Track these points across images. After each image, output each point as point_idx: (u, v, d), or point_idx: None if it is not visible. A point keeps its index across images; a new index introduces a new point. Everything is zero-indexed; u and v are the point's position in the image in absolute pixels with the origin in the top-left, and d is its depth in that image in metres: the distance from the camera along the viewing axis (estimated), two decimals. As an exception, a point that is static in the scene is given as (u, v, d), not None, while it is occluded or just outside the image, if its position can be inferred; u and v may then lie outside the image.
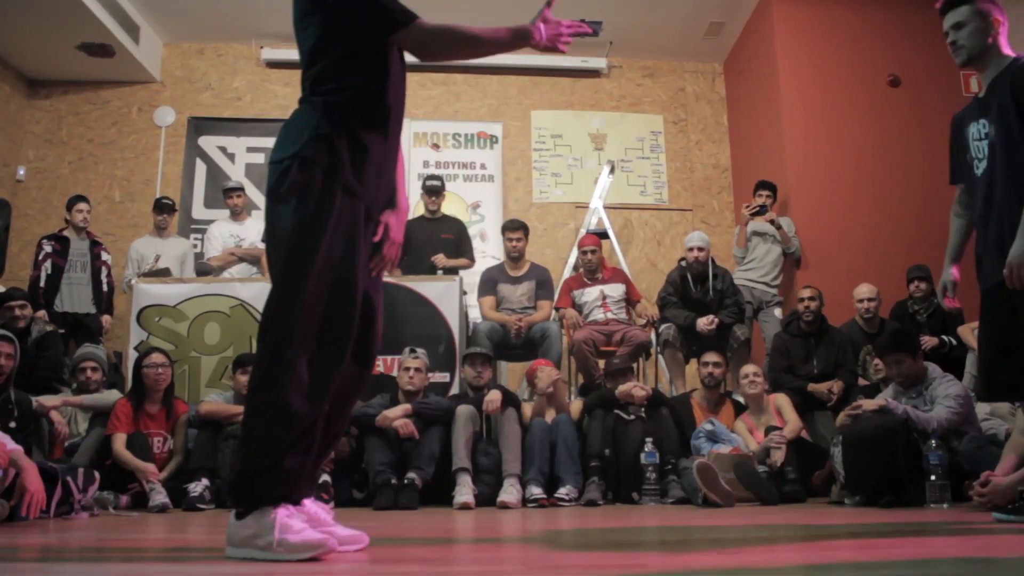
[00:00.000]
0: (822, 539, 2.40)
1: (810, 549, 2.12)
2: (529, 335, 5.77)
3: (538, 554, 1.69)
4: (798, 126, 7.07)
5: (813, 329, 5.59)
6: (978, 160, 3.01)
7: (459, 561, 1.97)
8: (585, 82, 8.40)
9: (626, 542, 2.41)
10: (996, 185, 2.90)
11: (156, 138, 7.91)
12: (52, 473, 3.66)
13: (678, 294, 5.90)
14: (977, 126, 3.02)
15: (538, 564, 1.78)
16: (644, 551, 2.03)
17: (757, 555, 1.99)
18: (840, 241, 6.76)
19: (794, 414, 4.90)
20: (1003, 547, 2.07)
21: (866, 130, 7.02)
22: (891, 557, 1.88)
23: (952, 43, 3.00)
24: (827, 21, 7.24)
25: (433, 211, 6.43)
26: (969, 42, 2.96)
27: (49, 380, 5.13)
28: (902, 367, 4.26)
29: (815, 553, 2.01)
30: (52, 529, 3.17)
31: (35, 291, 6.13)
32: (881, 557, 1.89)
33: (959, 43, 2.98)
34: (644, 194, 8.20)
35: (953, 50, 3.00)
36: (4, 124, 7.60)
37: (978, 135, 3.01)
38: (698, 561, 1.81)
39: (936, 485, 3.75)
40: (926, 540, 2.29)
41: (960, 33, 2.97)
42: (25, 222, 7.57)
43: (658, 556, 1.73)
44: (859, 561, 1.82)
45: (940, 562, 1.80)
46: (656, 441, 4.62)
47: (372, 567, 1.83)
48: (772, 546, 2.25)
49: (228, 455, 4.59)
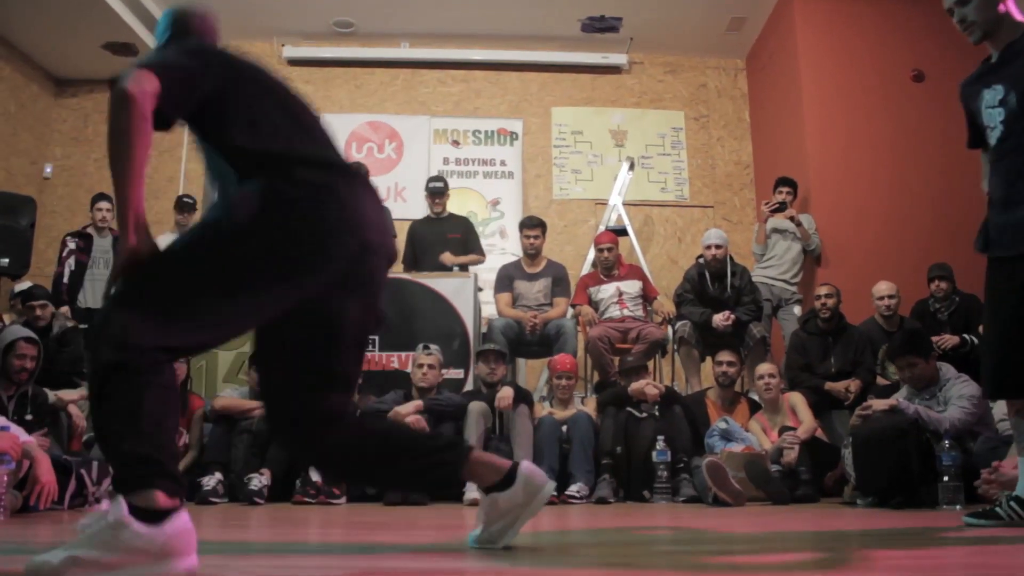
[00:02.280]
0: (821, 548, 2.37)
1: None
2: (544, 332, 5.77)
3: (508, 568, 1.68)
4: (819, 122, 6.99)
5: (831, 327, 5.52)
6: (990, 129, 2.80)
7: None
8: (606, 78, 8.36)
9: (595, 543, 2.40)
10: (1014, 152, 2.70)
11: (179, 135, 7.97)
12: (67, 466, 3.73)
13: (695, 291, 5.86)
14: (991, 92, 2.78)
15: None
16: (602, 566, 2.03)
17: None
18: (861, 238, 6.67)
19: (809, 414, 4.85)
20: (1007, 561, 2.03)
21: (888, 126, 6.92)
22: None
23: (962, 21, 2.78)
24: (849, 16, 7.14)
25: (438, 212, 6.44)
26: (980, 15, 2.74)
27: (69, 375, 5.20)
28: (915, 370, 4.20)
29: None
30: (64, 521, 3.23)
31: (59, 287, 6.24)
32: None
33: (969, 19, 2.76)
34: (665, 191, 8.15)
35: (964, 28, 2.78)
36: (32, 123, 7.73)
37: (992, 102, 2.78)
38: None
39: (949, 486, 3.69)
40: (930, 552, 2.25)
41: (967, 8, 2.76)
42: (52, 219, 7.70)
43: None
44: None
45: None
46: (668, 439, 4.60)
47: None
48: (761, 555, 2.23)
49: (242, 449, 4.65)
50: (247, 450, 4.63)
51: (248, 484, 4.37)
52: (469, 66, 8.27)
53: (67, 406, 4.72)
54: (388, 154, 7.93)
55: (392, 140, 7.99)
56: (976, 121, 2.90)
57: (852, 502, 4.11)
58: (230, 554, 1.97)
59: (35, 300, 5.38)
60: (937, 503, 3.73)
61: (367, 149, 7.96)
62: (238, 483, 4.49)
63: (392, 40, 8.21)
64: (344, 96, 8.18)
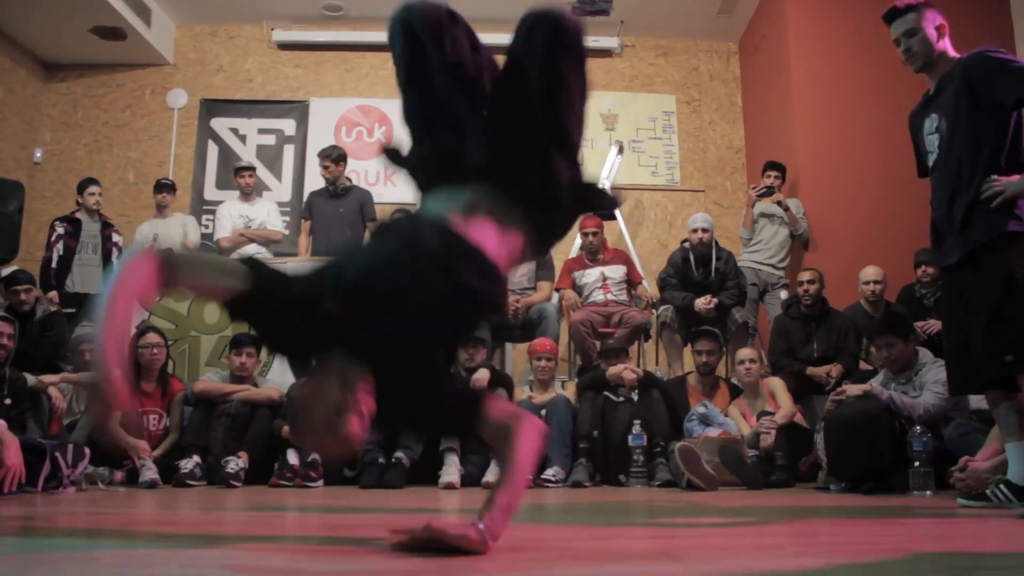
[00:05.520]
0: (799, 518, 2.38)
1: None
2: (527, 316, 5.77)
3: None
4: (808, 106, 6.94)
5: (814, 312, 5.50)
6: (931, 154, 3.12)
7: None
8: (597, 62, 8.30)
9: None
10: (945, 175, 3.02)
11: (169, 120, 7.99)
12: (40, 448, 3.75)
13: (679, 276, 5.84)
14: (929, 120, 3.12)
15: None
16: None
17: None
18: (849, 223, 6.63)
19: (788, 399, 4.84)
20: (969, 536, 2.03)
21: (878, 111, 6.84)
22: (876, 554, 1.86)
23: (906, 51, 3.10)
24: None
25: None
26: (923, 48, 3.07)
27: (52, 359, 5.23)
28: (892, 350, 4.19)
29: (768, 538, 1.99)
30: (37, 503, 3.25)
31: (47, 272, 6.25)
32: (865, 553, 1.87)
33: (913, 49, 3.08)
34: (655, 175, 8.11)
35: (907, 57, 3.11)
36: (22, 108, 7.73)
37: (930, 128, 3.12)
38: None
39: (919, 472, 3.70)
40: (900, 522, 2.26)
41: (912, 40, 3.08)
42: (42, 203, 7.71)
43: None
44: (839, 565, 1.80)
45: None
46: (645, 424, 4.61)
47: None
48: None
49: (220, 433, 4.68)
50: (225, 433, 4.67)
51: (225, 467, 4.40)
52: (460, 49, 8.21)
53: (47, 388, 4.76)
54: (378, 138, 7.92)
55: (382, 124, 7.98)
56: (920, 150, 3.26)
57: (826, 487, 4.11)
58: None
59: (19, 284, 5.39)
60: (908, 489, 3.73)
61: (356, 133, 7.95)
62: (216, 466, 4.51)
63: (382, 23, 8.01)
64: (334, 80, 8.15)
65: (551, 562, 1.60)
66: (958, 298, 3.03)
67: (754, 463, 4.46)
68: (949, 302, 3.19)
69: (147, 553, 1.71)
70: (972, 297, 2.92)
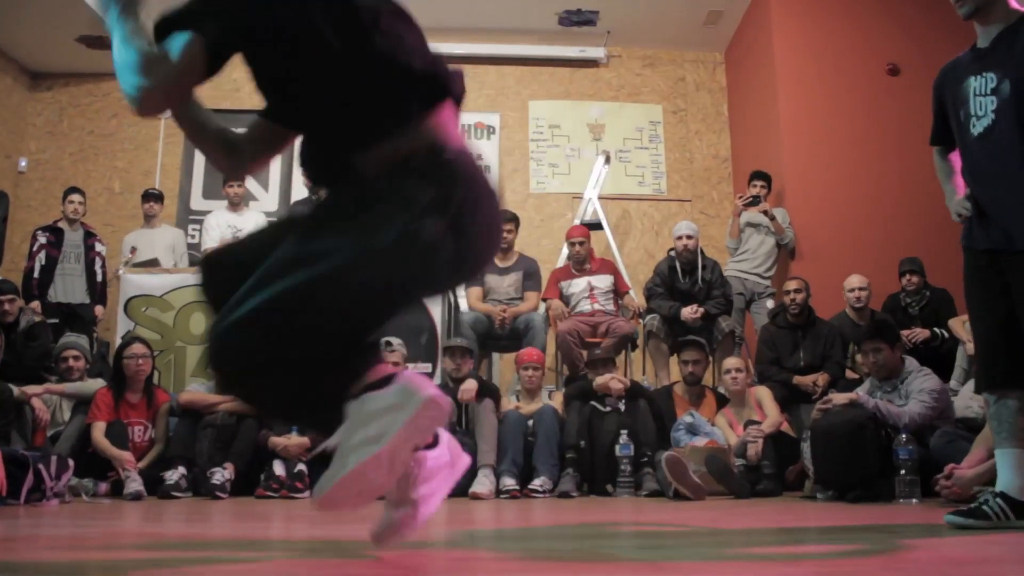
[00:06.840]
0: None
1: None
2: (514, 326, 5.77)
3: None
4: (794, 116, 6.98)
5: (800, 321, 5.52)
6: (976, 117, 2.65)
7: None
8: (584, 72, 8.35)
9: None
10: (1006, 143, 2.56)
11: (155, 129, 7.95)
12: (23, 460, 3.71)
13: (665, 285, 5.85)
14: (980, 80, 2.64)
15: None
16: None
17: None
18: (835, 233, 6.67)
19: (774, 408, 4.86)
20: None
21: (863, 121, 6.91)
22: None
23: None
24: (826, 10, 7.13)
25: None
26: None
27: (37, 370, 5.18)
28: (879, 356, 4.20)
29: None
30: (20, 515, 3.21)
31: (29, 281, 6.20)
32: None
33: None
34: (642, 184, 8.14)
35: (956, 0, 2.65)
36: (7, 116, 7.69)
37: (982, 89, 2.63)
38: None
39: (905, 480, 3.71)
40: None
41: None
42: (27, 213, 7.66)
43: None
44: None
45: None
46: (632, 434, 4.61)
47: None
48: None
49: (206, 444, 4.65)
50: (211, 444, 4.64)
51: (210, 478, 4.37)
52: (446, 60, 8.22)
53: (31, 399, 4.72)
54: (365, 148, 7.90)
55: (369, 134, 7.96)
56: (948, 112, 2.79)
57: (812, 496, 4.12)
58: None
59: (2, 295, 5.34)
60: (894, 497, 3.74)
61: (343, 143, 7.93)
62: (202, 477, 4.48)
63: (369, 33, 8.15)
64: (321, 90, 8.12)
65: None
66: (1003, 286, 2.59)
67: (741, 472, 4.47)
68: (990, 273, 2.65)
69: (135, 565, 1.69)
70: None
